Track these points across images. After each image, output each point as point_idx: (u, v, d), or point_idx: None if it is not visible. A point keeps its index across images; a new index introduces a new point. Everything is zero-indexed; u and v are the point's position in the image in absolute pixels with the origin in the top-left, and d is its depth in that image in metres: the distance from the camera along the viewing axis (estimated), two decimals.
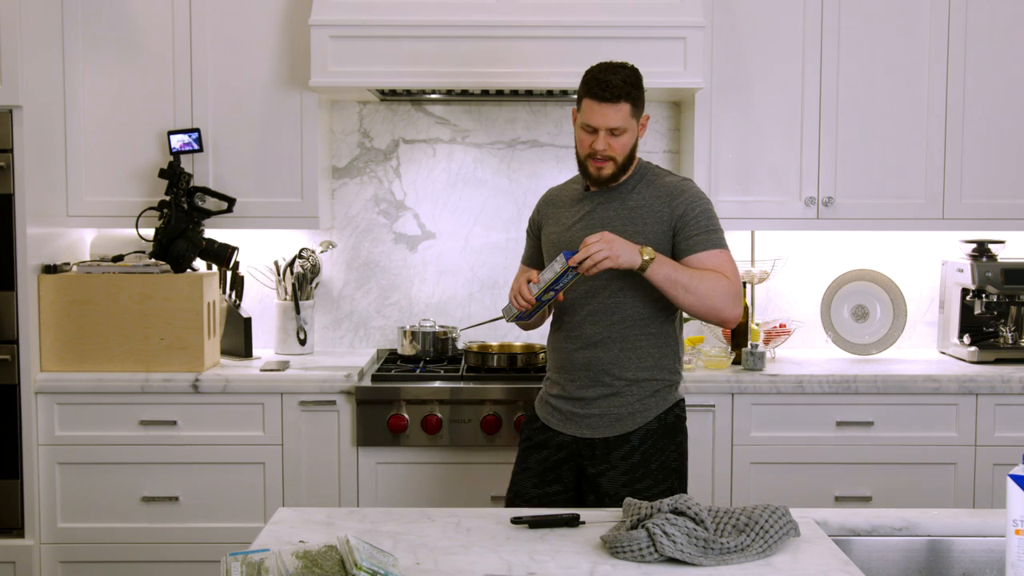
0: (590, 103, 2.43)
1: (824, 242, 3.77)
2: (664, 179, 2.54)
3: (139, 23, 3.39)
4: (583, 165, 2.51)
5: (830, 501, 3.23)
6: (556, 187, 2.74)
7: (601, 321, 2.49)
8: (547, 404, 2.61)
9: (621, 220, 2.49)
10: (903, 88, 3.44)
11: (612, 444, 2.49)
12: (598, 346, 2.50)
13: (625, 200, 2.51)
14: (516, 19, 3.21)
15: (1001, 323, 3.55)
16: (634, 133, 2.48)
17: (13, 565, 3.20)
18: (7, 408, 3.19)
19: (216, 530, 3.22)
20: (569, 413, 2.54)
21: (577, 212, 2.57)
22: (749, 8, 3.42)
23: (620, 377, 2.49)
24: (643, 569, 1.66)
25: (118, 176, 3.43)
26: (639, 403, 2.50)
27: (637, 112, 2.47)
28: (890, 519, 1.90)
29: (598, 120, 2.42)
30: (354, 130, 3.76)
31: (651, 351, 2.51)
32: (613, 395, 2.50)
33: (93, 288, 3.24)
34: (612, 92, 2.41)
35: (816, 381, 3.23)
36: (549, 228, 2.63)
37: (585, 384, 2.52)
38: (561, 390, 2.56)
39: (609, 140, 2.44)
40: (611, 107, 2.41)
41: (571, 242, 2.51)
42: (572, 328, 2.54)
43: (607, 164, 2.47)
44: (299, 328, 3.62)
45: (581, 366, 2.52)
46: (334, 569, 1.55)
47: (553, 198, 2.69)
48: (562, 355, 2.56)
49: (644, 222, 2.48)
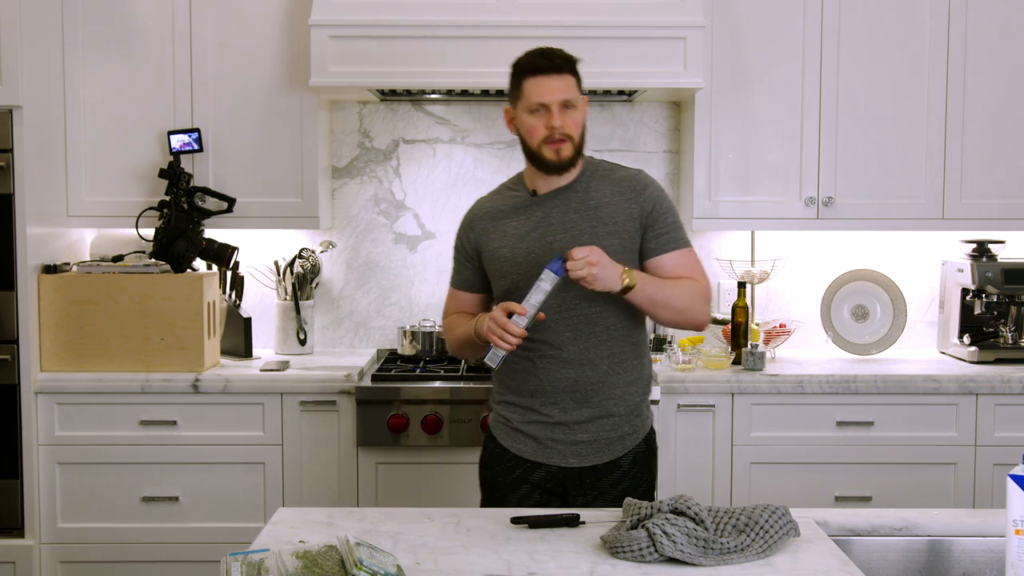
0: (535, 80, 2.24)
1: (824, 242, 3.77)
2: (619, 172, 2.36)
3: (139, 23, 3.39)
4: (537, 155, 2.27)
5: (830, 501, 3.23)
6: (485, 199, 2.45)
7: (585, 338, 2.28)
8: (517, 432, 2.34)
9: (587, 221, 2.28)
10: (903, 88, 3.44)
11: (602, 472, 2.31)
12: (585, 365, 2.28)
13: (585, 199, 2.30)
14: (516, 19, 3.21)
15: (1001, 323, 3.55)
16: (584, 112, 2.30)
17: (13, 565, 3.20)
18: (7, 408, 3.19)
19: (216, 530, 3.22)
20: (550, 441, 2.30)
21: (528, 220, 2.32)
22: (749, 8, 3.42)
23: (609, 397, 2.30)
24: (643, 569, 1.66)
25: (118, 176, 3.43)
26: (628, 424, 2.32)
27: (581, 88, 2.30)
28: (890, 519, 1.90)
29: (549, 95, 2.22)
30: (354, 130, 3.76)
31: (634, 363, 2.34)
32: (603, 417, 2.30)
33: (93, 288, 3.24)
34: (556, 63, 2.24)
35: (816, 381, 3.23)
36: (495, 244, 2.34)
37: (570, 408, 2.29)
38: (538, 416, 2.31)
39: (563, 117, 2.24)
40: (559, 78, 2.24)
41: (531, 254, 2.29)
42: (551, 347, 2.28)
43: (565, 145, 2.25)
44: (299, 328, 3.62)
45: (565, 388, 2.28)
46: (334, 569, 1.55)
47: (489, 211, 2.40)
48: (536, 377, 2.30)
49: (613, 220, 2.28)
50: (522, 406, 2.33)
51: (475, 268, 2.41)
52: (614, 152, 3.74)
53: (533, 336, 2.23)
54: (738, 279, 3.55)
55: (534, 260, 2.27)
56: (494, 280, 2.37)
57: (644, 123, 3.75)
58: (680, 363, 3.31)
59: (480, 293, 2.44)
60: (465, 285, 2.45)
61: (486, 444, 2.42)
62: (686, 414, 3.22)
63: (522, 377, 2.33)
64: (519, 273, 2.29)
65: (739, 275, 3.58)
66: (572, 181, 2.32)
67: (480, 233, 2.38)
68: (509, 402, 2.36)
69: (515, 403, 2.35)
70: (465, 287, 2.45)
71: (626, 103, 3.74)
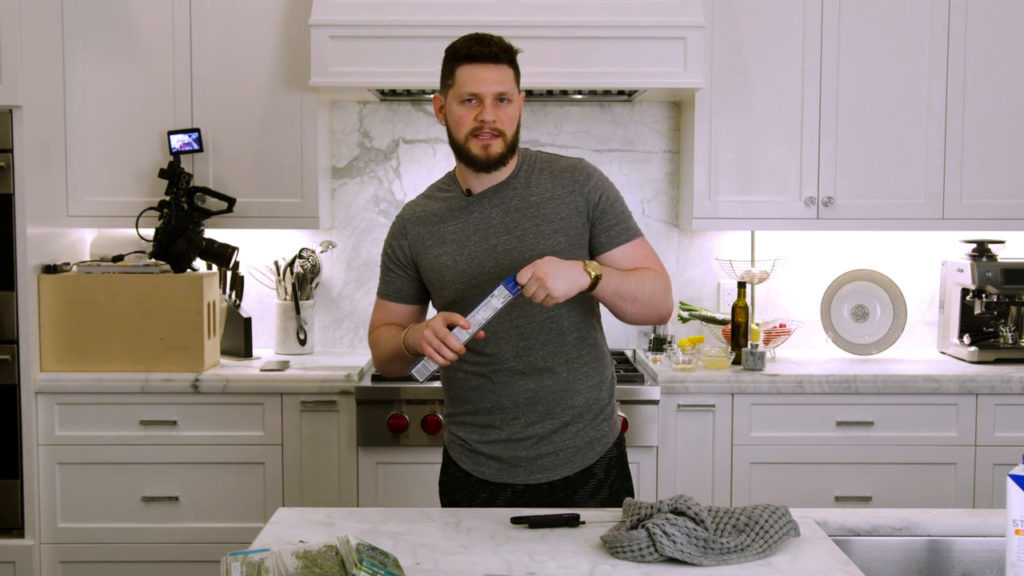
0: (469, 68, 2.06)
1: (824, 242, 3.77)
2: (559, 163, 2.18)
3: (139, 23, 3.39)
4: (463, 149, 2.09)
5: (830, 501, 3.23)
6: (415, 202, 2.25)
7: (540, 345, 2.12)
8: (476, 454, 2.19)
9: (529, 220, 2.11)
10: (903, 88, 3.45)
11: (575, 482, 2.16)
12: (544, 373, 2.13)
13: (524, 196, 2.13)
14: (516, 19, 3.21)
15: (1001, 323, 3.55)
16: (519, 107, 2.13)
17: (13, 565, 3.20)
18: (7, 408, 3.19)
19: (216, 530, 3.22)
20: (513, 459, 2.15)
21: (466, 223, 2.14)
22: (749, 8, 3.42)
23: (572, 405, 2.15)
24: (643, 569, 1.66)
25: (118, 176, 3.43)
26: (594, 429, 2.17)
27: (518, 82, 2.13)
28: (890, 519, 1.90)
29: (482, 85, 2.05)
30: (354, 130, 3.76)
31: (594, 365, 2.19)
32: (566, 425, 2.15)
33: (93, 288, 3.24)
34: (493, 51, 2.06)
35: (816, 381, 3.23)
36: (433, 252, 2.16)
37: (533, 420, 2.14)
38: (499, 433, 2.15)
39: (496, 111, 2.07)
40: (494, 68, 2.06)
41: (474, 260, 2.12)
42: (505, 359, 2.12)
43: (495, 141, 2.07)
44: (299, 328, 3.62)
45: (525, 401, 2.13)
46: (334, 569, 1.55)
47: (422, 216, 2.20)
48: (493, 393, 2.15)
49: (558, 216, 2.12)
50: (481, 424, 2.18)
51: (409, 278, 2.22)
52: (614, 152, 3.74)
53: (484, 350, 2.11)
54: (738, 279, 3.55)
55: (478, 267, 2.11)
56: (435, 291, 2.20)
57: (644, 123, 3.75)
58: (680, 363, 3.31)
59: (412, 304, 2.25)
60: (396, 296, 2.24)
61: (445, 467, 2.27)
62: (686, 414, 3.22)
63: (478, 394, 2.17)
64: (462, 282, 2.13)
65: (739, 275, 3.58)
66: (509, 177, 2.15)
67: (414, 240, 2.19)
68: (466, 422, 2.20)
69: (472, 423, 2.19)
70: (396, 298, 2.24)
71: (626, 103, 3.74)
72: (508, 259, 2.10)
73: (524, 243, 2.11)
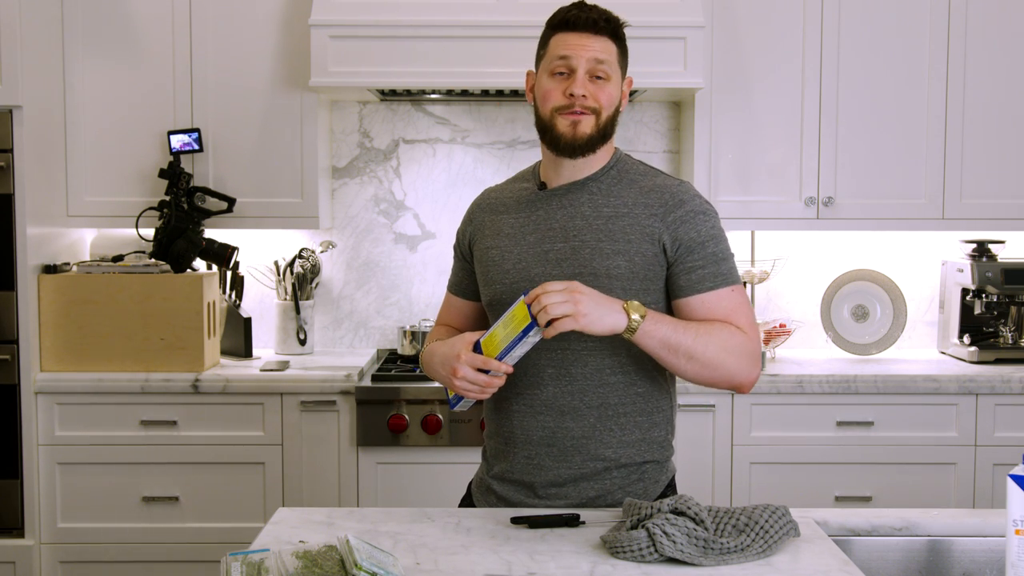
0: (563, 36, 1.83)
1: (824, 242, 3.77)
2: (653, 179, 1.89)
3: (139, 23, 3.39)
4: (548, 127, 1.85)
5: (830, 501, 3.23)
6: (493, 188, 2.04)
7: (569, 380, 1.85)
8: (490, 492, 1.97)
9: (593, 231, 1.84)
10: (903, 88, 3.44)
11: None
12: (567, 414, 1.86)
13: (600, 203, 1.86)
14: (516, 19, 3.21)
15: (1001, 323, 3.55)
16: (619, 87, 1.87)
17: (13, 565, 3.20)
18: (7, 408, 3.19)
19: (216, 530, 3.22)
20: (520, 504, 1.92)
21: (527, 219, 1.90)
22: (749, 8, 3.42)
23: (597, 457, 1.87)
24: (643, 569, 1.66)
25: (118, 176, 3.43)
26: (620, 491, 1.90)
27: (623, 62, 1.88)
28: (890, 519, 1.90)
29: (579, 50, 1.80)
30: (354, 130, 3.76)
31: (638, 419, 1.88)
32: (583, 479, 1.89)
33: (93, 288, 3.24)
34: (592, 18, 1.83)
35: (816, 381, 3.23)
36: (486, 242, 1.94)
37: (547, 465, 1.88)
38: (509, 467, 1.92)
39: (590, 86, 1.81)
40: (594, 39, 1.82)
41: (521, 262, 1.88)
42: (528, 387, 1.87)
43: (586, 118, 1.82)
44: (299, 328, 3.62)
45: (540, 440, 1.88)
46: (334, 569, 1.55)
47: (491, 202, 1.99)
48: (509, 421, 1.91)
49: (626, 237, 1.82)
50: (495, 452, 1.97)
51: (467, 271, 2.02)
52: None
53: (512, 374, 1.80)
54: None
55: (524, 270, 1.88)
56: (480, 285, 1.97)
57: (644, 123, 3.75)
58: None
59: (474, 301, 2.03)
60: (456, 288, 2.05)
61: (469, 491, 2.10)
62: (686, 414, 3.22)
63: (498, 417, 1.93)
64: (504, 283, 1.90)
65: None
66: (589, 177, 1.89)
67: (477, 227, 1.99)
68: (490, 437, 1.99)
69: (491, 445, 1.98)
70: (458, 291, 2.05)
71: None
72: (557, 269, 1.85)
73: (578, 256, 1.84)
